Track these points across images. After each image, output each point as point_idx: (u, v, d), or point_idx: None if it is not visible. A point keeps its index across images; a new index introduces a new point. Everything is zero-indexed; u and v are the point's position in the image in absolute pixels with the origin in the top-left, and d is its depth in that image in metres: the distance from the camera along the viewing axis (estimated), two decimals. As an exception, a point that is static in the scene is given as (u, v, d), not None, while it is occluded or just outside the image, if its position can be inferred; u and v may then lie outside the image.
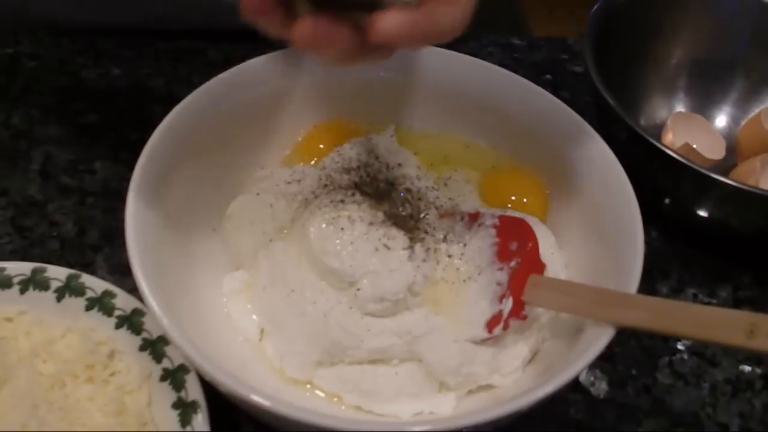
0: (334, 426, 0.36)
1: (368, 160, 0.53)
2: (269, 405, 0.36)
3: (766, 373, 0.53)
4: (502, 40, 0.76)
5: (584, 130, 0.51)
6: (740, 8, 0.63)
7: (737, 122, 0.65)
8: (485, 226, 0.49)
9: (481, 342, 0.45)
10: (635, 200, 0.46)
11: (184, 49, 0.69)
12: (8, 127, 0.62)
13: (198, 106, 0.49)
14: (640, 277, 0.42)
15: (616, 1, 0.61)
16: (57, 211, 0.56)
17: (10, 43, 0.68)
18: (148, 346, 0.44)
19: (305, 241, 0.47)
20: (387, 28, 0.35)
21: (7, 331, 0.45)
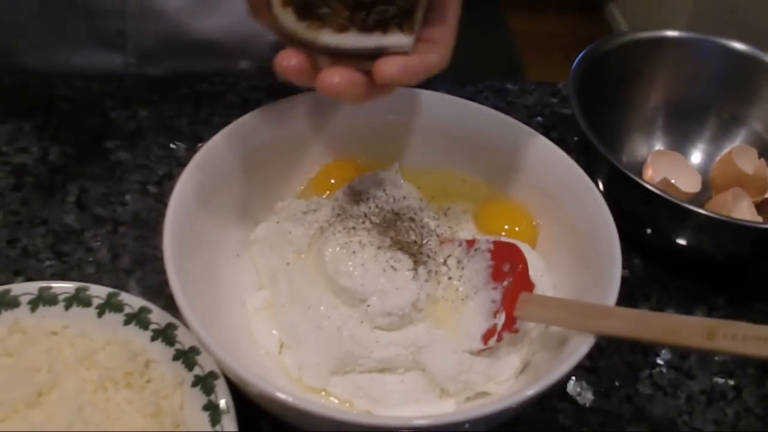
0: (349, 419, 0.42)
1: (376, 192, 0.58)
2: (293, 401, 0.42)
3: (737, 384, 0.58)
4: (496, 85, 0.82)
5: (570, 166, 0.57)
6: (711, 55, 0.69)
7: (711, 158, 0.71)
8: (481, 250, 0.54)
9: (477, 353, 0.51)
10: (615, 228, 0.52)
11: (204, 93, 0.76)
12: (46, 162, 0.68)
13: (223, 146, 0.55)
14: (617, 293, 0.47)
15: (599, 51, 0.68)
16: (92, 238, 0.62)
17: (46, 87, 0.75)
18: (181, 355, 0.50)
19: (321, 263, 0.53)
20: (389, 71, 0.44)
21: (53, 342, 0.50)
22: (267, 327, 0.54)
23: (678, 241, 0.62)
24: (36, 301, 0.52)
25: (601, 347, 0.59)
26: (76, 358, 0.50)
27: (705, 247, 0.62)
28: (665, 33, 0.69)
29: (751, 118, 0.69)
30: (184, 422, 0.48)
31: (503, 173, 0.61)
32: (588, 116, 0.63)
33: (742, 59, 0.68)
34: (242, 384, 0.45)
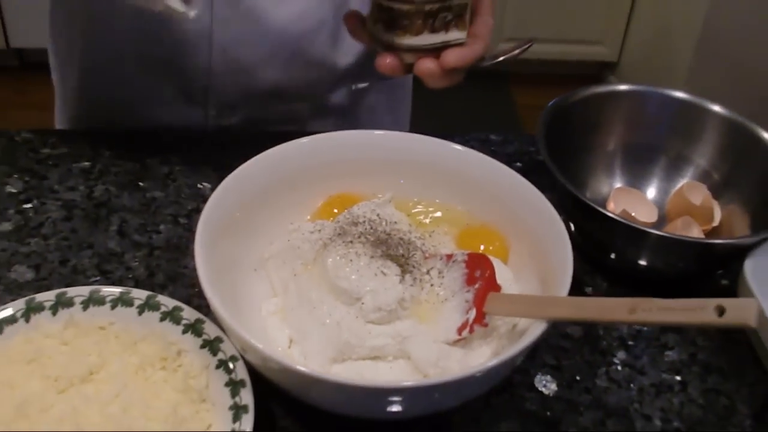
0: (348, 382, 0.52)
1: (371, 216, 0.69)
2: (306, 370, 0.52)
3: (683, 380, 0.67)
4: (482, 137, 0.94)
5: (537, 198, 0.67)
6: (660, 104, 0.81)
7: (666, 192, 0.82)
8: (458, 261, 0.65)
9: (453, 343, 0.61)
10: (570, 246, 0.60)
11: (228, 143, 0.88)
12: (91, 198, 0.79)
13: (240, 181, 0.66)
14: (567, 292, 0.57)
15: (563, 104, 0.79)
16: (131, 259, 0.73)
17: (90, 137, 0.87)
18: (207, 344, 0.60)
19: (324, 270, 0.63)
20: (451, 58, 0.65)
21: (101, 335, 0.61)
22: (279, 327, 0.64)
23: (635, 261, 0.72)
24: (87, 302, 0.62)
25: (565, 349, 0.69)
26: (120, 346, 0.60)
27: (658, 265, 0.72)
28: (619, 87, 0.81)
29: (697, 156, 0.80)
30: (209, 396, 0.58)
31: (480, 203, 0.71)
32: (556, 160, 0.73)
33: (685, 106, 0.80)
34: (264, 361, 0.54)
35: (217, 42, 0.85)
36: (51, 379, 0.57)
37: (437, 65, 0.65)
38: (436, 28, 0.64)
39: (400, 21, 0.63)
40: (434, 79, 0.66)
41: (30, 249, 0.73)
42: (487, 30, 0.69)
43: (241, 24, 0.84)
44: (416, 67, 0.65)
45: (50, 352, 0.59)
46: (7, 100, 2.67)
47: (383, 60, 0.66)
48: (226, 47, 0.85)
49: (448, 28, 0.65)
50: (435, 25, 0.64)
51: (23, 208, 0.77)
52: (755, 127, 0.76)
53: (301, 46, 0.87)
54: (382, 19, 0.64)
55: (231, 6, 0.82)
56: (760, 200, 0.75)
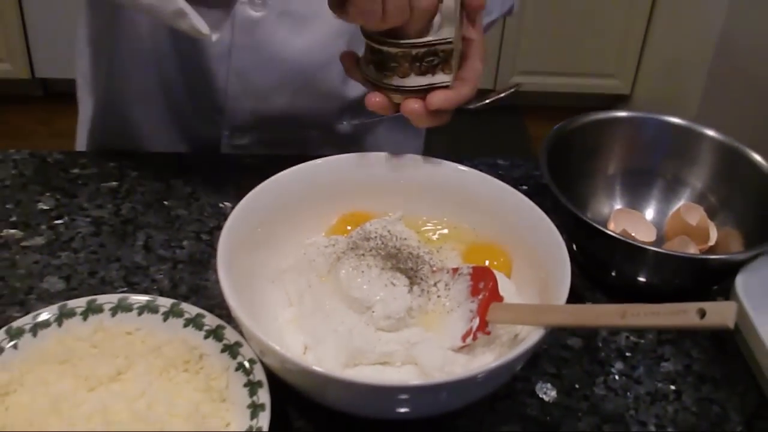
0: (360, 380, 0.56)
1: (383, 233, 0.73)
2: (322, 370, 0.56)
3: (678, 389, 0.70)
4: (490, 161, 0.98)
5: (540, 217, 0.71)
6: (656, 129, 0.85)
7: (664, 213, 0.85)
8: (463, 274, 0.69)
9: (458, 349, 0.64)
10: (568, 262, 0.64)
11: (248, 165, 0.92)
12: (119, 215, 0.84)
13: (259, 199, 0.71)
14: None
15: (564, 130, 0.83)
16: (156, 272, 0.77)
17: (117, 159, 0.92)
18: (227, 348, 0.64)
19: (337, 281, 0.68)
20: (436, 100, 0.68)
21: (128, 340, 0.65)
22: (294, 335, 0.68)
23: (634, 277, 0.76)
24: (115, 309, 0.67)
25: (565, 359, 0.72)
26: (146, 349, 0.64)
27: (655, 281, 0.76)
28: (618, 113, 0.85)
29: (693, 178, 0.84)
30: (229, 396, 0.62)
31: (485, 221, 0.75)
32: (559, 183, 0.77)
33: (681, 131, 0.84)
34: (283, 363, 0.58)
35: (234, 67, 0.90)
36: (82, 378, 0.61)
37: (422, 106, 0.68)
38: (423, 70, 0.67)
39: (388, 63, 0.67)
40: (420, 119, 0.69)
41: (61, 261, 0.78)
42: (476, 74, 0.72)
43: (257, 51, 0.89)
44: (402, 107, 0.69)
45: (81, 353, 0.63)
46: (32, 130, 2.75)
47: (372, 98, 0.69)
48: (241, 72, 0.91)
49: (435, 71, 0.68)
50: (422, 67, 0.67)
51: (54, 223, 0.82)
52: (747, 150, 0.80)
53: (313, 76, 0.93)
54: (373, 61, 0.68)
55: (250, 34, 0.88)
56: (753, 220, 0.79)
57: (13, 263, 0.77)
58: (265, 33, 0.88)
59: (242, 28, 0.87)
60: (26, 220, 0.82)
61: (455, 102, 0.69)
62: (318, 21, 0.89)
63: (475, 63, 0.71)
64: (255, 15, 0.87)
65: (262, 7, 0.87)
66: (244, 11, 0.87)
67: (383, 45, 0.66)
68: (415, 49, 0.66)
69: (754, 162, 0.80)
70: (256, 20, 0.87)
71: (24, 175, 0.89)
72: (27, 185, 0.87)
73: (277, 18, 0.88)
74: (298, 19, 0.88)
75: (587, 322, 0.57)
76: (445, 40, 0.66)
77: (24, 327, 0.64)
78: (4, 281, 0.75)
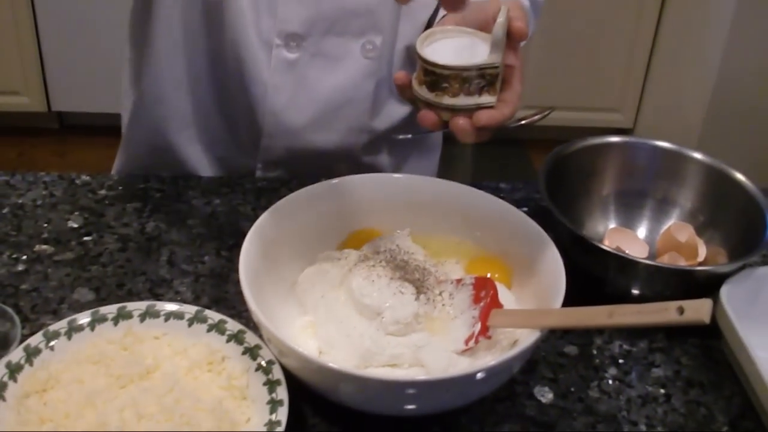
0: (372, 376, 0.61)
1: (392, 247, 0.79)
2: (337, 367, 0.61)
3: (668, 393, 0.75)
4: (493, 185, 1.03)
5: (538, 232, 0.76)
6: (647, 153, 0.91)
7: (656, 231, 0.91)
8: (466, 284, 0.74)
9: (461, 352, 0.70)
10: (564, 275, 0.70)
11: (264, 188, 0.98)
12: (144, 233, 0.90)
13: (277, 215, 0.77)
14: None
15: (561, 153, 0.89)
16: (179, 285, 0.83)
17: (142, 181, 0.98)
18: (248, 351, 0.69)
19: (349, 290, 0.73)
20: (482, 119, 0.72)
21: (156, 343, 0.70)
22: (309, 340, 0.73)
23: (627, 290, 0.81)
24: (144, 315, 0.72)
25: (562, 365, 0.77)
26: (172, 352, 0.69)
27: (647, 293, 0.81)
28: (611, 139, 0.91)
29: (682, 198, 0.90)
30: (250, 395, 0.67)
31: (488, 238, 0.81)
32: (557, 204, 0.83)
33: (670, 154, 0.90)
34: (301, 362, 0.64)
35: (271, 106, 0.96)
36: (114, 377, 0.66)
37: (470, 124, 0.74)
38: (471, 91, 0.73)
39: (441, 83, 0.73)
40: (466, 134, 0.74)
41: (91, 275, 0.83)
42: (515, 96, 0.77)
43: (292, 91, 0.96)
44: (452, 123, 0.74)
45: (112, 355, 0.68)
46: (48, 161, 2.82)
47: (425, 115, 0.75)
48: (277, 111, 0.97)
49: (482, 92, 0.74)
50: (470, 89, 0.73)
51: (84, 240, 0.88)
52: (732, 171, 0.86)
53: (343, 113, 0.99)
54: (426, 81, 0.74)
55: (286, 74, 0.94)
56: (738, 236, 0.84)
57: (45, 276, 0.83)
58: (299, 73, 0.94)
59: (278, 69, 0.94)
60: (57, 237, 0.88)
61: (498, 121, 0.74)
62: (347, 61, 0.95)
63: (516, 86, 0.77)
64: (290, 57, 0.93)
65: (297, 50, 0.93)
66: (280, 53, 0.93)
67: (437, 67, 0.73)
68: (466, 72, 0.72)
69: (739, 182, 0.85)
70: (291, 61, 0.94)
71: (54, 196, 0.95)
72: (57, 205, 0.93)
73: (311, 59, 0.94)
74: (330, 59, 0.95)
75: (578, 323, 0.62)
76: (492, 65, 0.73)
77: (60, 330, 0.69)
78: (38, 292, 0.81)
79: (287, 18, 0.91)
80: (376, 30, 0.93)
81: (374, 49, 0.93)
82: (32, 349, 0.67)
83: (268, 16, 0.91)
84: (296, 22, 0.91)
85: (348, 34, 0.92)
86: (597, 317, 0.60)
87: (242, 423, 0.64)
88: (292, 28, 0.91)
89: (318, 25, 0.91)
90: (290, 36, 0.91)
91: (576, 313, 0.63)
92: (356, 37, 0.93)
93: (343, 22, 0.92)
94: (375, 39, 0.93)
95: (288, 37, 0.91)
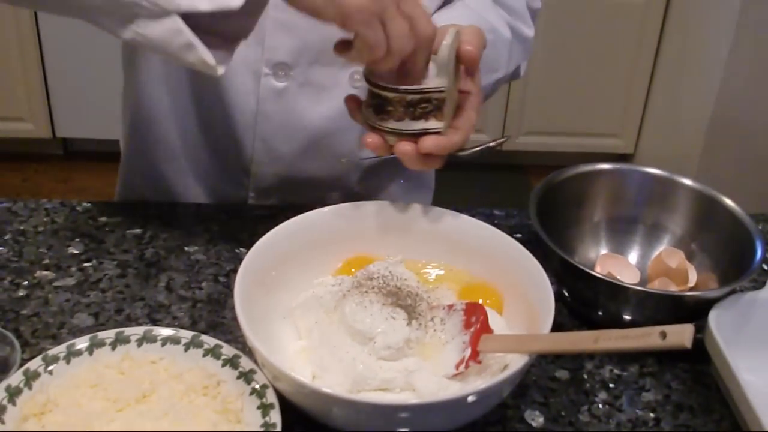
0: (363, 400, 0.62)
1: (385, 273, 0.80)
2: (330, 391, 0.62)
3: (657, 417, 0.76)
4: (487, 212, 1.05)
5: (528, 258, 0.78)
6: (638, 180, 0.92)
7: (647, 257, 0.92)
8: (457, 310, 0.75)
9: (452, 377, 0.71)
10: (553, 300, 0.71)
11: (261, 216, 1.00)
12: (143, 260, 0.91)
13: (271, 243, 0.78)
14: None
15: (553, 181, 0.91)
16: (177, 310, 0.84)
17: (141, 208, 1.00)
18: (242, 376, 0.70)
19: (343, 315, 0.74)
20: (427, 145, 0.74)
21: (152, 368, 0.72)
22: (303, 365, 0.74)
23: (619, 315, 0.82)
24: (141, 340, 0.73)
25: (553, 389, 0.78)
26: (168, 376, 0.71)
27: (638, 318, 0.82)
28: (601, 166, 0.93)
29: (672, 224, 0.91)
30: (244, 418, 0.68)
31: (480, 264, 0.82)
32: (549, 231, 0.84)
33: (659, 180, 0.91)
34: (296, 387, 0.65)
35: (260, 133, 0.98)
36: (111, 401, 0.68)
37: (414, 149, 0.75)
38: (417, 116, 0.74)
39: (385, 107, 0.74)
40: (411, 160, 0.75)
41: (90, 300, 0.85)
42: (469, 124, 0.78)
43: (281, 119, 0.97)
44: (395, 148, 0.75)
45: (110, 379, 0.70)
46: (52, 188, 2.85)
47: (368, 138, 0.76)
48: (266, 138, 0.98)
49: (428, 117, 0.74)
50: (415, 113, 0.74)
51: (84, 266, 0.90)
52: (721, 196, 0.88)
53: (332, 141, 1.00)
54: (372, 104, 0.76)
55: (274, 103, 0.96)
56: (728, 261, 0.85)
57: (46, 301, 0.84)
58: (288, 102, 0.96)
59: (267, 97, 0.96)
60: (58, 263, 0.90)
61: (446, 148, 0.75)
62: (336, 90, 0.97)
63: (470, 113, 0.78)
64: (279, 85, 0.95)
65: (285, 78, 0.95)
66: (269, 82, 0.95)
67: (382, 90, 0.74)
68: (410, 95, 0.73)
69: (728, 208, 0.87)
70: (279, 90, 0.96)
71: (55, 222, 0.96)
72: (58, 231, 0.95)
73: (299, 88, 0.96)
74: (318, 88, 0.97)
75: (565, 347, 0.64)
76: (437, 89, 0.73)
77: (59, 355, 0.71)
78: (38, 317, 0.82)
79: (275, 47, 0.93)
80: None
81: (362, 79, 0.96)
82: (31, 373, 0.68)
83: (254, 45, 0.93)
84: (283, 51, 0.93)
85: (335, 65, 0.94)
86: (583, 342, 0.62)
87: (236, 446, 0.66)
88: (279, 58, 0.93)
89: (305, 55, 0.93)
90: (278, 65, 0.93)
91: (563, 338, 0.64)
92: (344, 67, 0.95)
93: (330, 53, 0.93)
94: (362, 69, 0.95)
95: (276, 66, 0.94)
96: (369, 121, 0.76)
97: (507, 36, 0.96)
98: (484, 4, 0.97)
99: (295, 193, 1.04)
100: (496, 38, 0.93)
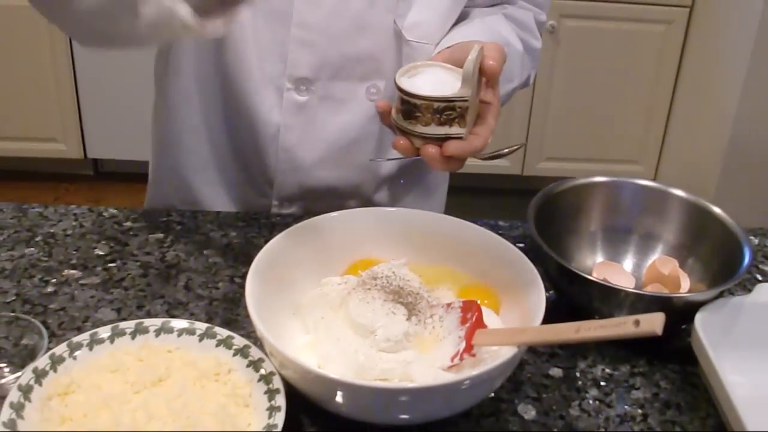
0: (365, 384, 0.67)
1: (388, 274, 0.85)
2: (335, 376, 0.67)
3: (645, 413, 0.80)
4: (491, 223, 1.10)
5: (525, 265, 0.82)
6: (632, 191, 0.97)
7: (642, 265, 0.96)
8: (454, 308, 0.80)
9: (447, 368, 0.75)
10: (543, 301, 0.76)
11: (277, 223, 1.05)
12: (164, 261, 0.97)
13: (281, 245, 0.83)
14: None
15: (550, 193, 0.95)
16: (195, 307, 0.90)
17: (164, 215, 1.06)
18: (252, 364, 0.75)
19: (347, 311, 0.79)
20: (450, 148, 0.80)
21: (168, 356, 0.77)
22: (309, 357, 0.79)
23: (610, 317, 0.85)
24: (159, 330, 0.79)
25: (546, 385, 0.82)
26: (183, 363, 0.76)
27: (629, 323, 0.86)
28: (597, 178, 0.97)
29: (665, 233, 0.96)
30: (251, 402, 0.73)
31: (479, 268, 0.87)
32: (547, 240, 0.88)
33: (652, 192, 0.96)
34: (302, 373, 0.70)
35: (282, 144, 1.04)
36: (129, 384, 0.73)
37: (439, 151, 0.81)
38: (442, 122, 0.80)
39: (414, 112, 0.81)
40: (435, 162, 0.82)
41: (113, 297, 0.91)
42: (488, 131, 0.84)
43: (303, 130, 1.03)
44: (422, 150, 0.82)
45: (128, 364, 0.75)
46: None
47: (398, 141, 0.82)
48: (289, 149, 1.04)
49: (452, 123, 0.81)
50: (441, 119, 0.80)
51: (108, 266, 0.96)
52: (711, 206, 0.92)
53: (350, 152, 1.06)
54: (402, 110, 0.82)
55: (296, 115, 1.02)
56: (718, 267, 0.89)
57: (72, 297, 0.90)
58: (309, 114, 1.03)
59: (289, 110, 1.02)
60: (84, 263, 0.96)
61: (467, 151, 0.81)
62: (354, 103, 1.03)
63: (489, 121, 0.84)
64: (300, 99, 1.02)
65: (306, 93, 1.01)
66: (291, 96, 1.01)
67: (411, 97, 0.80)
68: (437, 102, 0.80)
69: (718, 217, 0.91)
70: (301, 104, 1.02)
71: (83, 226, 1.03)
72: (85, 234, 1.01)
73: (320, 101, 1.02)
74: (337, 101, 1.03)
75: (550, 338, 0.68)
76: (462, 98, 0.80)
77: (82, 342, 0.76)
78: (64, 311, 0.88)
79: (297, 64, 0.99)
80: (379, 75, 1.01)
81: (378, 92, 1.01)
82: (57, 357, 0.74)
83: (278, 62, 0.99)
84: (305, 67, 0.99)
85: (353, 79, 1.00)
86: (566, 332, 0.66)
87: (244, 426, 0.70)
88: (301, 73, 0.99)
89: (325, 71, 0.99)
90: (300, 80, 1.00)
91: (547, 329, 0.69)
92: (361, 81, 1.01)
93: (348, 68, 0.99)
94: (379, 83, 1.01)
95: (298, 81, 1.00)
96: (398, 125, 0.82)
97: (519, 49, 1.02)
98: (497, 20, 1.03)
99: (315, 202, 1.09)
100: (510, 51, 0.99)
